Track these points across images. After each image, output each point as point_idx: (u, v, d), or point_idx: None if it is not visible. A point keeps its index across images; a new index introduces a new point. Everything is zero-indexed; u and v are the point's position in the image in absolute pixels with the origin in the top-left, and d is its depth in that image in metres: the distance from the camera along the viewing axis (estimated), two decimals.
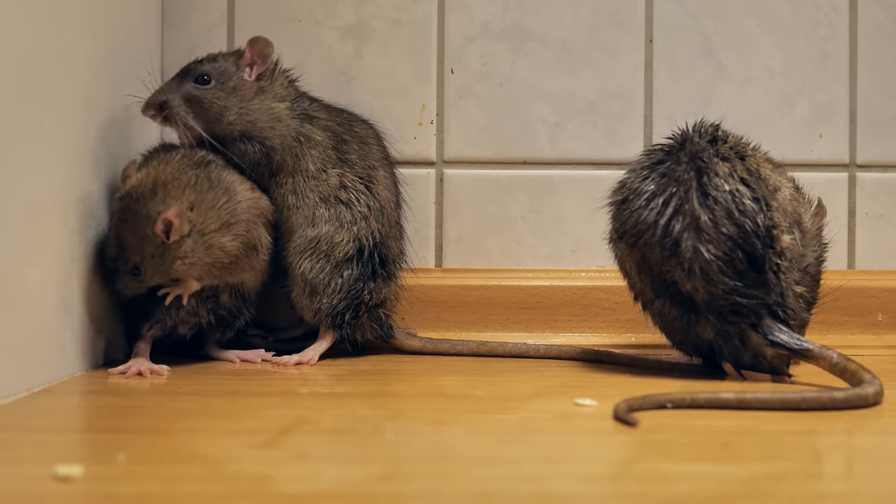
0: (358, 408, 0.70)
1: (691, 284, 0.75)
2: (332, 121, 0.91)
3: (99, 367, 0.83)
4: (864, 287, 0.86)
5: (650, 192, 0.78)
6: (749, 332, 0.75)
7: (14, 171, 0.68)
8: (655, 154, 0.81)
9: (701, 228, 0.75)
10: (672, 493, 0.48)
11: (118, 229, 0.80)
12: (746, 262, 0.75)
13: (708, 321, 0.76)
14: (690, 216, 0.75)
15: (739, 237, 0.75)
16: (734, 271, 0.75)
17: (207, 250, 0.81)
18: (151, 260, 0.79)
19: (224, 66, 0.88)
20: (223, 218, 0.82)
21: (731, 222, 0.75)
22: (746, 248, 0.75)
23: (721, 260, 0.74)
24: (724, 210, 0.75)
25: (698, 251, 0.75)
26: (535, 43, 1.03)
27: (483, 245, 1.03)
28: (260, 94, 0.88)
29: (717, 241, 0.75)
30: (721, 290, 0.75)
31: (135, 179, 0.81)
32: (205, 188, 0.81)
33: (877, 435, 0.63)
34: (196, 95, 0.86)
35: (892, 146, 1.03)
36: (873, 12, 1.03)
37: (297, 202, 0.88)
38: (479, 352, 0.93)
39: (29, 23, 0.70)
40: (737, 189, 0.76)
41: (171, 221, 0.78)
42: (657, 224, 0.76)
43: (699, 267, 0.75)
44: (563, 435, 0.61)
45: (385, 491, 0.48)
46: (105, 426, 0.64)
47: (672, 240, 0.76)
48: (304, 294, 0.89)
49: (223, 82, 0.87)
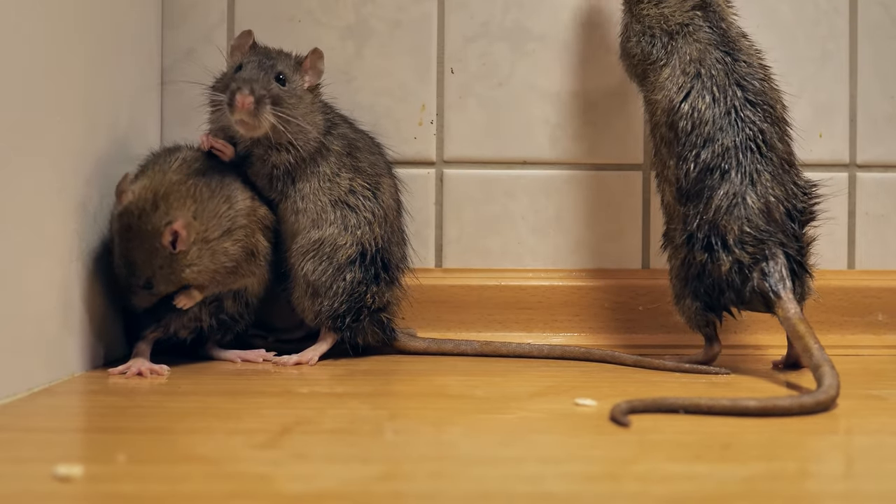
0: (358, 408, 0.70)
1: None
2: (347, 129, 0.92)
3: (99, 367, 0.83)
4: (864, 287, 0.86)
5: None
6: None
7: (14, 172, 0.68)
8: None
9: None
10: (672, 493, 0.48)
11: (124, 248, 0.79)
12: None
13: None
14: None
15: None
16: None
17: (213, 256, 0.82)
18: (161, 271, 0.80)
19: (292, 71, 0.87)
20: (224, 225, 0.83)
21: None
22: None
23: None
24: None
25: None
26: (535, 43, 1.03)
27: (483, 245, 1.03)
28: (312, 104, 0.88)
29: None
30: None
31: (132, 195, 0.80)
32: (205, 197, 0.82)
33: (876, 434, 0.63)
34: (281, 96, 0.85)
35: (892, 146, 1.03)
36: (873, 12, 1.03)
37: (306, 206, 0.88)
38: (483, 352, 0.93)
39: (28, 24, 0.70)
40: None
41: (178, 232, 0.78)
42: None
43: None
44: (563, 435, 0.61)
45: (385, 491, 0.49)
46: (105, 426, 0.64)
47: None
48: (305, 295, 0.89)
49: (293, 88, 0.87)
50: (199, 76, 0.92)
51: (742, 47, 0.86)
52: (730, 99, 0.83)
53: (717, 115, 0.82)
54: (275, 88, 0.85)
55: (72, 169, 0.78)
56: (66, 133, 0.77)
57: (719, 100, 0.83)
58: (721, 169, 0.81)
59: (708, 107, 0.82)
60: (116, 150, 0.87)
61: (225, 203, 0.83)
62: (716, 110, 0.82)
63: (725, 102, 0.83)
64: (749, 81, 0.83)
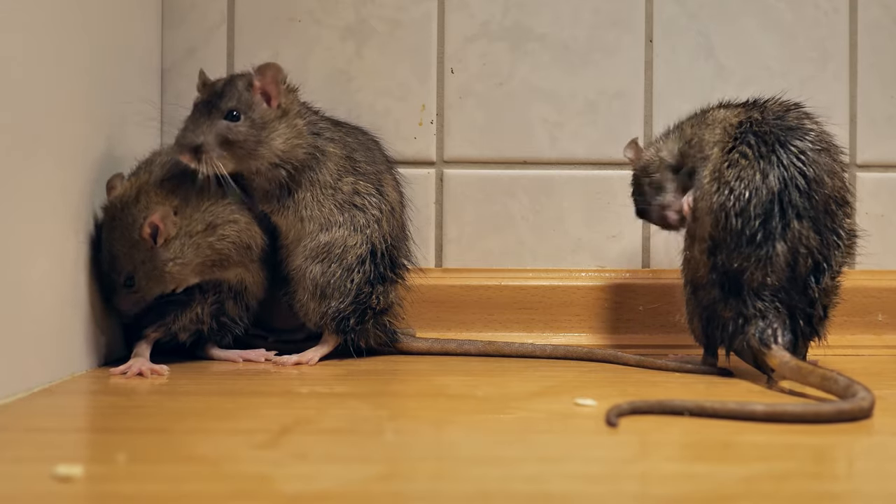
0: (358, 408, 0.70)
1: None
2: (339, 131, 0.91)
3: (99, 366, 0.83)
4: (864, 287, 0.86)
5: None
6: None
7: (14, 172, 0.68)
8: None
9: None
10: (672, 493, 0.48)
11: (108, 240, 0.81)
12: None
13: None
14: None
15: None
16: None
17: (196, 250, 0.83)
18: (143, 266, 0.81)
19: (246, 98, 0.84)
20: (208, 220, 0.83)
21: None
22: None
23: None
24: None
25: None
26: (535, 43, 1.02)
27: (483, 245, 1.03)
28: (283, 119, 0.86)
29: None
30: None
31: (119, 189, 0.82)
32: (190, 194, 0.83)
33: (877, 435, 0.63)
34: (231, 137, 0.83)
35: (892, 146, 1.03)
36: (873, 12, 1.03)
37: (311, 213, 0.87)
38: (486, 351, 0.93)
39: (28, 24, 0.70)
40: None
41: (157, 224, 0.80)
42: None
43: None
44: (563, 435, 0.61)
45: (385, 491, 0.48)
46: (105, 426, 0.64)
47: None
48: (313, 298, 0.88)
49: (251, 116, 0.84)
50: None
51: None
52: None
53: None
54: (220, 129, 0.83)
55: (72, 169, 0.78)
56: (67, 133, 0.77)
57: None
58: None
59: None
60: (117, 151, 0.87)
61: (211, 198, 0.84)
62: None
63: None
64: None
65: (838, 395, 0.68)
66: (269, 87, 0.85)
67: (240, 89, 0.85)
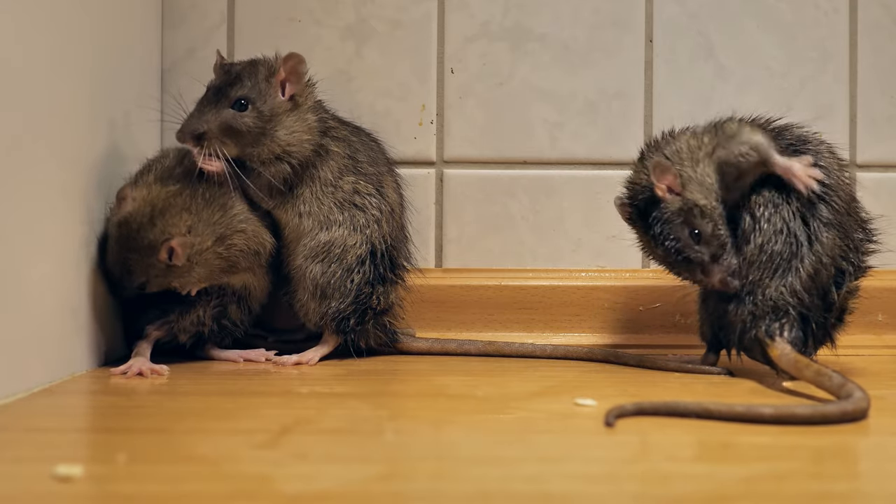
0: (358, 408, 0.70)
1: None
2: (345, 129, 0.91)
3: (99, 366, 0.83)
4: (864, 287, 0.86)
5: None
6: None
7: (14, 172, 0.68)
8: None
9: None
10: (672, 493, 0.48)
11: (121, 256, 0.81)
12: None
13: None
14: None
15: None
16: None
17: (206, 264, 0.84)
18: (156, 279, 0.82)
19: (260, 88, 0.84)
20: (218, 232, 0.84)
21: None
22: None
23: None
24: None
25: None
26: (535, 43, 1.02)
27: (483, 245, 1.03)
28: (294, 112, 0.86)
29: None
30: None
31: (131, 205, 0.81)
32: (200, 208, 0.83)
33: (876, 435, 0.63)
34: (236, 125, 0.83)
35: (892, 146, 1.03)
36: (873, 12, 1.03)
37: (310, 209, 0.87)
38: (486, 351, 0.93)
39: (29, 25, 0.70)
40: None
41: (174, 249, 0.80)
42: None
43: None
44: (563, 435, 0.61)
45: (385, 491, 0.48)
46: (105, 426, 0.64)
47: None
48: (313, 298, 0.88)
49: (261, 106, 0.84)
50: (199, 76, 0.92)
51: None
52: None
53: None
54: (226, 118, 0.83)
55: (73, 169, 0.78)
56: (68, 133, 0.77)
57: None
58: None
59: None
60: (117, 151, 0.87)
61: (220, 210, 0.84)
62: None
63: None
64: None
65: (832, 392, 0.68)
66: (290, 77, 0.86)
67: (258, 77, 0.85)
